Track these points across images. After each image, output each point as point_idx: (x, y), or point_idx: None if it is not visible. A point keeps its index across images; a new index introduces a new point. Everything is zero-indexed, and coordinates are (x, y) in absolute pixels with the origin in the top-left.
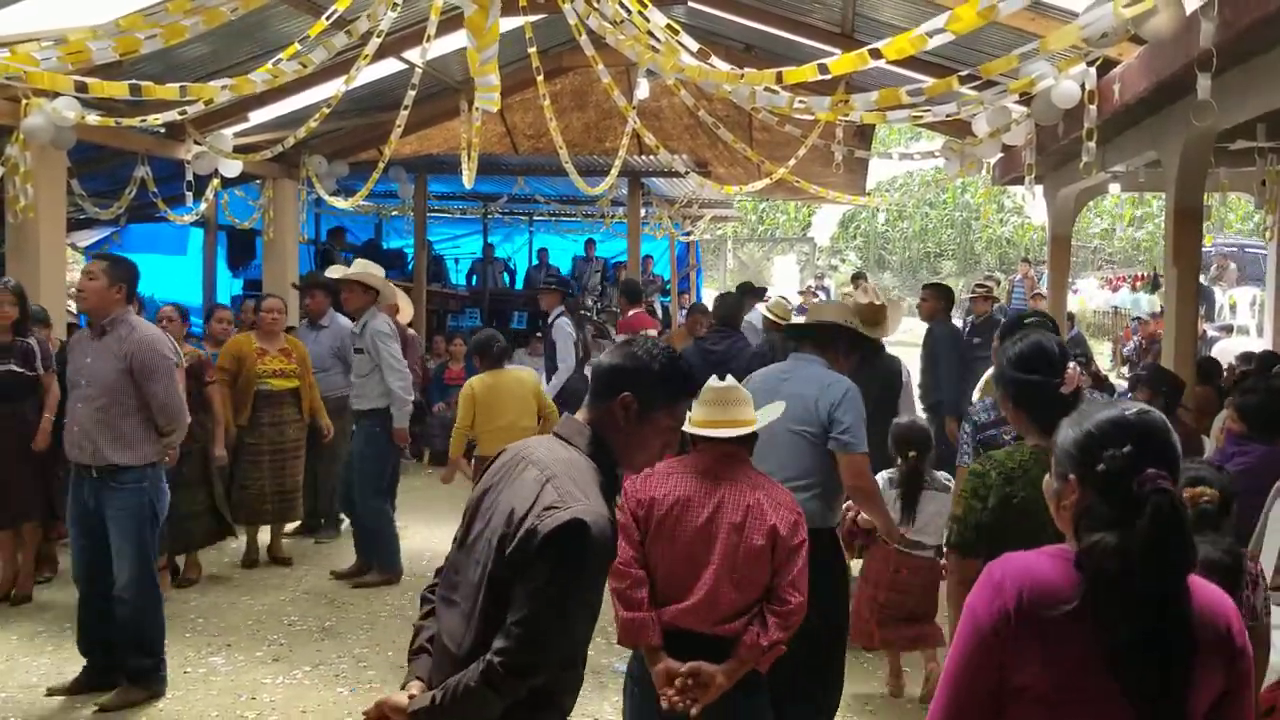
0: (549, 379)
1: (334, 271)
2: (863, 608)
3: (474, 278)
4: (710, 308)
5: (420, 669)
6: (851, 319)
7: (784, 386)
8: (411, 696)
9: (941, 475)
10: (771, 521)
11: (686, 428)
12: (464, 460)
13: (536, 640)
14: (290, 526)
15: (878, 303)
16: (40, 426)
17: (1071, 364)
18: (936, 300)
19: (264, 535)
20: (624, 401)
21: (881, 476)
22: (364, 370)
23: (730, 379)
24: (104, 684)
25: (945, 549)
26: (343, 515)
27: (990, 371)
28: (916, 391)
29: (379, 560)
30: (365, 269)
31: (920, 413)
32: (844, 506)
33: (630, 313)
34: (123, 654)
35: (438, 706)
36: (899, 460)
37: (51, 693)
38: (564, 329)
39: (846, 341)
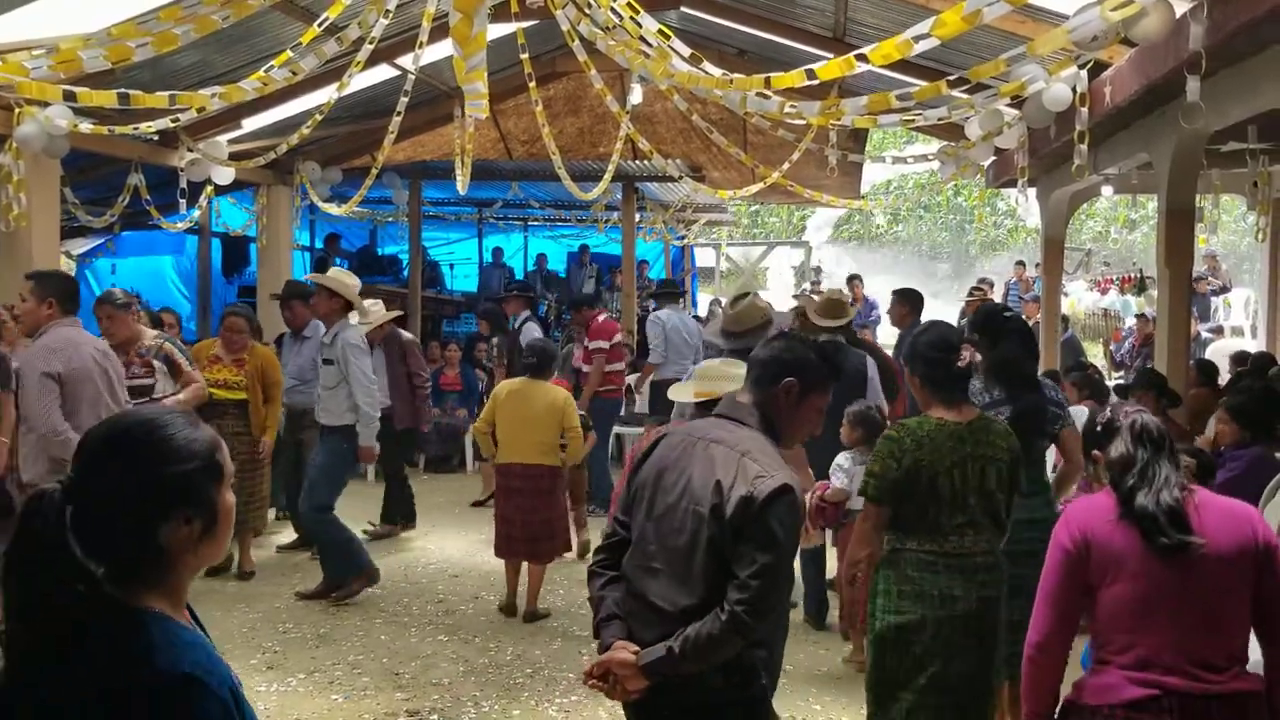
0: None
1: (316, 278)
2: (845, 586)
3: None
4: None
5: (618, 631)
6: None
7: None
8: (635, 652)
9: None
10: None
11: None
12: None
13: (771, 586)
14: (287, 540)
15: (835, 298)
16: None
17: (965, 347)
18: (902, 305)
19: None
20: (787, 386)
21: (844, 455)
22: (331, 383)
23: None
24: None
25: (863, 498)
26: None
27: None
28: None
29: (350, 566)
30: (339, 277)
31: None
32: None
33: (601, 318)
34: None
35: (677, 655)
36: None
37: None
38: (533, 334)
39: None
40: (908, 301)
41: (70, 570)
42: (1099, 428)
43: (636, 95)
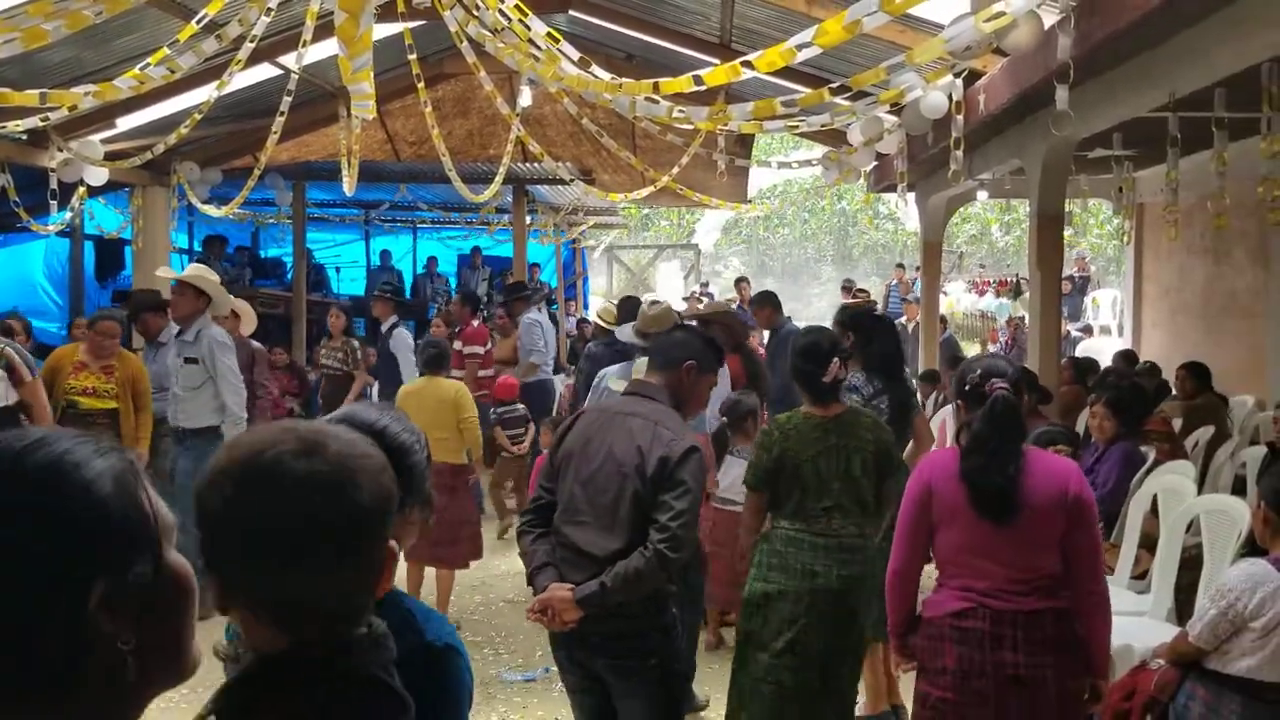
0: (381, 393)
1: (164, 271)
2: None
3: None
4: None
5: (552, 575)
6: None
7: None
8: (570, 589)
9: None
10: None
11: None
12: None
13: (687, 526)
14: None
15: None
16: None
17: (834, 359)
18: (763, 309)
19: None
20: (689, 368)
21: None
22: (195, 382)
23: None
24: None
25: (745, 486)
26: None
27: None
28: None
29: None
30: (200, 273)
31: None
32: None
33: (475, 322)
34: None
35: (609, 588)
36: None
37: None
38: (403, 339)
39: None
40: (768, 303)
41: None
42: (967, 387)
43: (526, 98)
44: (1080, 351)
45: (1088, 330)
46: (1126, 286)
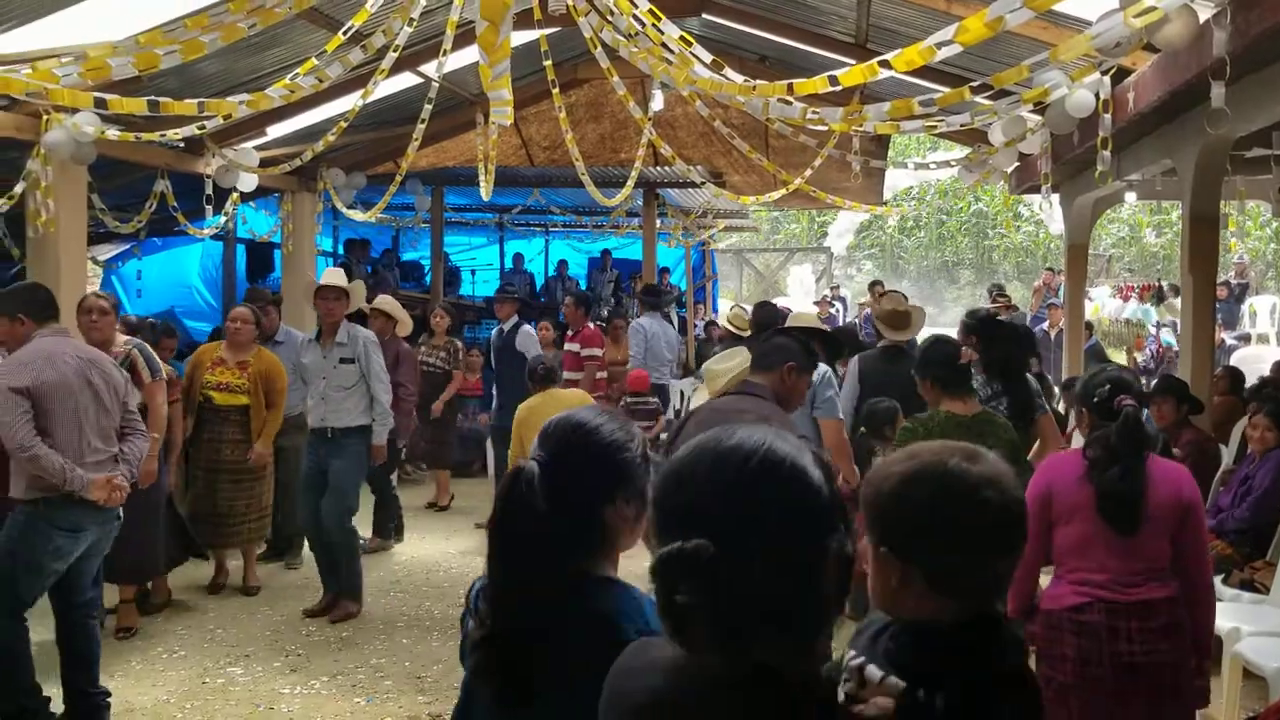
0: (503, 388)
1: (347, 283)
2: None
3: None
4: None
5: None
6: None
7: None
8: None
9: None
10: None
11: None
12: None
13: None
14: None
15: (900, 309)
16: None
17: (965, 347)
18: None
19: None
20: (790, 368)
21: None
22: (349, 382)
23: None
24: None
25: None
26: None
27: None
28: None
29: (353, 588)
30: (354, 288)
31: None
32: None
33: (590, 325)
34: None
35: None
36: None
37: None
38: (529, 336)
39: (819, 341)
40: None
41: (545, 528)
42: (1095, 399)
43: (658, 101)
44: (1236, 361)
45: (1245, 339)
46: None
